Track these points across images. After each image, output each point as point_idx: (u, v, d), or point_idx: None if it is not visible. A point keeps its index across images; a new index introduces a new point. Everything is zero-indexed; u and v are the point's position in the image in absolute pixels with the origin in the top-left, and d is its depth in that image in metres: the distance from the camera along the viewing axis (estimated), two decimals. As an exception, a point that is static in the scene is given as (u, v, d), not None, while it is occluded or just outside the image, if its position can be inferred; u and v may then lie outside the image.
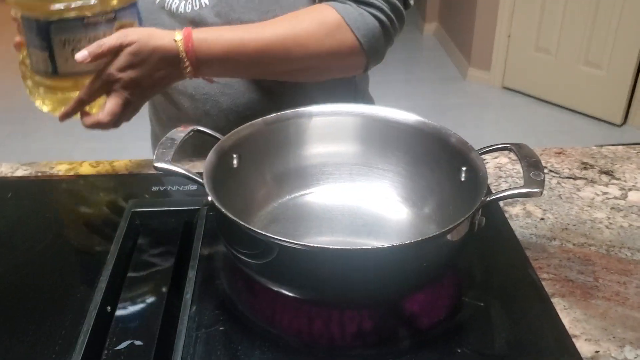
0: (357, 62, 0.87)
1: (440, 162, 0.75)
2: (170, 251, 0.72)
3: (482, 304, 0.66)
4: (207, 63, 0.83)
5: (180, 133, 0.72)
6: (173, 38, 0.80)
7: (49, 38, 0.78)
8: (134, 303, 0.65)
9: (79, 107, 0.83)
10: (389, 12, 0.85)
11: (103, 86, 0.81)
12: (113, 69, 0.79)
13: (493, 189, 0.86)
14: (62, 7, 0.76)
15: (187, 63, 0.81)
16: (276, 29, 0.84)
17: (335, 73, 0.92)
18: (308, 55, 0.85)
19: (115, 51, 0.79)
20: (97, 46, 0.78)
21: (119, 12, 0.80)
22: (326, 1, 0.86)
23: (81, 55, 0.77)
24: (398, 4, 0.87)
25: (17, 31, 0.82)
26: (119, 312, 0.64)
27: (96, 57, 0.78)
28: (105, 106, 0.82)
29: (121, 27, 0.80)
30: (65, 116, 0.84)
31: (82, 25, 0.77)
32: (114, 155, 2.62)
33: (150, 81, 0.82)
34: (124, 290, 0.67)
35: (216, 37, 0.83)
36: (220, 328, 0.63)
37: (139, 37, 0.79)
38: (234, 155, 0.75)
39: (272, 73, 0.90)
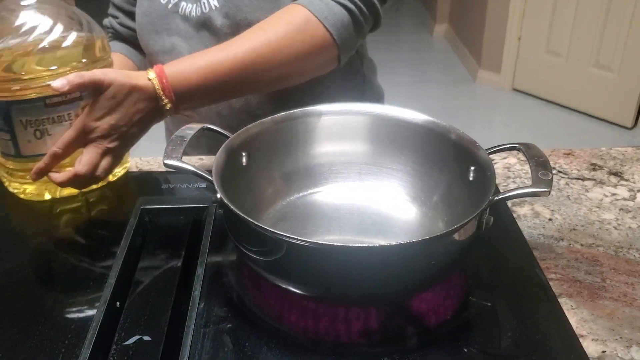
0: (330, 55, 0.86)
1: (449, 161, 0.75)
2: (179, 248, 0.73)
3: (489, 304, 0.66)
4: (185, 95, 0.80)
5: (189, 131, 0.72)
6: (147, 77, 0.78)
7: (11, 119, 0.75)
8: (142, 299, 0.65)
9: (53, 162, 0.77)
10: (357, 1, 0.85)
11: (79, 137, 0.76)
12: (90, 119, 0.75)
13: (501, 189, 0.86)
14: (19, 88, 0.73)
15: (165, 100, 0.79)
16: (247, 41, 0.82)
17: (311, 72, 0.89)
18: (284, 59, 0.83)
19: (95, 88, 0.75)
20: (77, 76, 0.73)
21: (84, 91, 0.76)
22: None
23: (59, 83, 0.72)
24: None
25: None
26: (128, 308, 0.64)
27: (74, 88, 0.73)
28: (82, 157, 0.77)
29: (86, 105, 0.76)
30: (39, 173, 0.78)
31: (44, 106, 0.75)
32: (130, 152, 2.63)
33: (129, 124, 0.78)
34: (132, 286, 0.67)
35: (188, 65, 0.80)
36: (228, 325, 0.63)
37: (116, 77, 0.75)
38: (243, 154, 0.75)
39: (253, 88, 0.89)
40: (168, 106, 0.79)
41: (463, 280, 0.70)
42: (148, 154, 0.95)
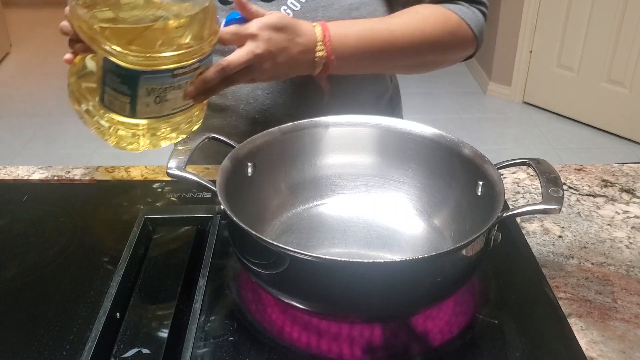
0: (470, 52, 0.96)
1: (457, 175, 0.74)
2: (182, 259, 0.72)
3: (496, 321, 0.65)
4: (339, 52, 0.82)
5: (194, 140, 0.71)
6: (312, 24, 0.80)
7: (136, 87, 0.75)
8: (143, 310, 0.64)
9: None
10: (487, 3, 0.95)
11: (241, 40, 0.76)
12: (257, 25, 0.76)
13: (510, 204, 0.85)
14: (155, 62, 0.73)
15: (321, 51, 0.80)
16: (405, 24, 0.87)
17: (448, 63, 0.98)
18: (433, 51, 0.91)
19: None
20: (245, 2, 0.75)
21: (202, 60, 0.77)
22: (439, 3, 0.91)
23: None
24: None
25: (68, 45, 0.78)
26: (127, 319, 0.63)
27: (241, 5, 0.75)
28: (233, 53, 0.76)
29: (201, 74, 0.76)
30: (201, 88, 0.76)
31: (170, 76, 0.75)
32: (134, 161, 2.64)
33: (284, 55, 0.77)
34: (133, 297, 0.66)
35: (349, 25, 0.84)
36: (230, 338, 0.62)
37: (281, 13, 0.79)
38: (249, 164, 0.74)
39: (393, 67, 0.95)
40: (322, 57, 0.80)
41: (470, 298, 0.69)
42: (154, 163, 0.94)
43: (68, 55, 0.78)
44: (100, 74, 0.77)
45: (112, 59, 0.72)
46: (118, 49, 0.71)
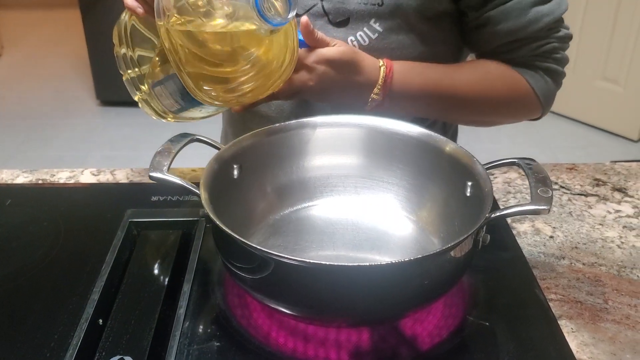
0: (533, 117, 0.91)
1: (445, 175, 0.73)
2: (167, 263, 0.71)
3: (486, 324, 0.64)
4: (396, 98, 0.81)
5: (177, 142, 0.70)
6: (378, 62, 0.79)
7: (191, 105, 0.76)
8: (126, 316, 0.63)
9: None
10: (563, 72, 0.88)
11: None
12: (315, 57, 0.75)
13: (501, 204, 0.84)
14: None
15: (379, 93, 0.79)
16: (471, 84, 0.84)
17: (508, 123, 0.96)
18: (494, 114, 0.89)
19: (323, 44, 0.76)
20: (313, 29, 0.74)
21: None
22: (516, 65, 0.85)
23: (306, 19, 0.73)
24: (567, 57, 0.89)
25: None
26: (110, 325, 0.62)
27: (308, 33, 0.74)
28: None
29: None
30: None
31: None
32: (129, 163, 2.62)
33: (332, 84, 0.77)
34: (117, 303, 0.65)
35: (415, 73, 0.81)
36: (215, 344, 0.61)
37: (346, 45, 0.77)
38: (235, 166, 0.73)
39: (447, 118, 0.93)
40: (374, 100, 0.80)
41: (460, 300, 0.68)
42: (141, 164, 0.93)
43: (136, 7, 0.73)
44: (159, 68, 0.76)
45: (187, 87, 0.70)
46: (201, 89, 0.69)
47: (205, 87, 0.69)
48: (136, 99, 0.81)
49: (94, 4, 2.95)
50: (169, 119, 0.81)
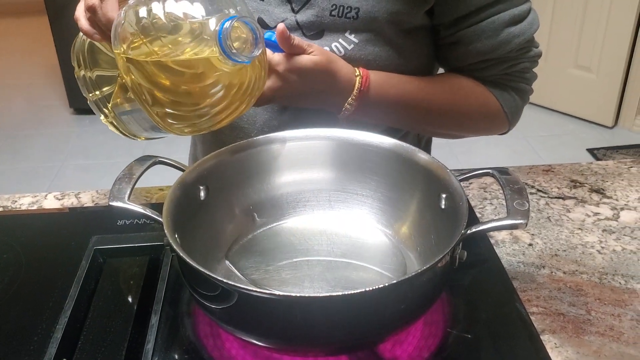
0: (498, 133, 0.92)
1: (419, 187, 0.71)
2: (134, 293, 0.68)
3: (468, 342, 0.62)
4: (369, 107, 0.79)
5: (138, 166, 0.67)
6: (354, 71, 0.77)
7: (158, 134, 0.76)
8: (92, 354, 0.60)
9: None
10: (530, 86, 0.88)
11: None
12: (287, 66, 0.73)
13: (477, 211, 0.82)
14: None
15: (353, 100, 0.77)
16: (444, 98, 0.84)
17: (473, 136, 0.97)
18: (463, 128, 0.90)
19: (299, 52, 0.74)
20: (290, 36, 0.72)
21: None
22: (487, 82, 0.85)
23: (282, 27, 0.70)
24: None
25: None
26: (74, 365, 0.59)
27: (284, 41, 0.71)
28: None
29: None
30: None
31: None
32: (104, 171, 2.57)
33: (305, 92, 0.76)
34: (81, 340, 0.62)
35: (390, 85, 0.80)
36: (186, 379, 0.58)
37: (322, 53, 0.75)
38: (201, 187, 0.70)
39: (418, 129, 0.92)
40: (348, 109, 0.78)
41: (439, 317, 0.65)
42: (117, 172, 0.89)
43: (93, 34, 0.70)
44: (121, 98, 0.73)
45: (151, 118, 0.66)
46: (170, 125, 0.66)
47: (173, 123, 0.66)
48: (103, 121, 0.77)
49: (62, 11, 2.89)
50: (141, 139, 0.79)
